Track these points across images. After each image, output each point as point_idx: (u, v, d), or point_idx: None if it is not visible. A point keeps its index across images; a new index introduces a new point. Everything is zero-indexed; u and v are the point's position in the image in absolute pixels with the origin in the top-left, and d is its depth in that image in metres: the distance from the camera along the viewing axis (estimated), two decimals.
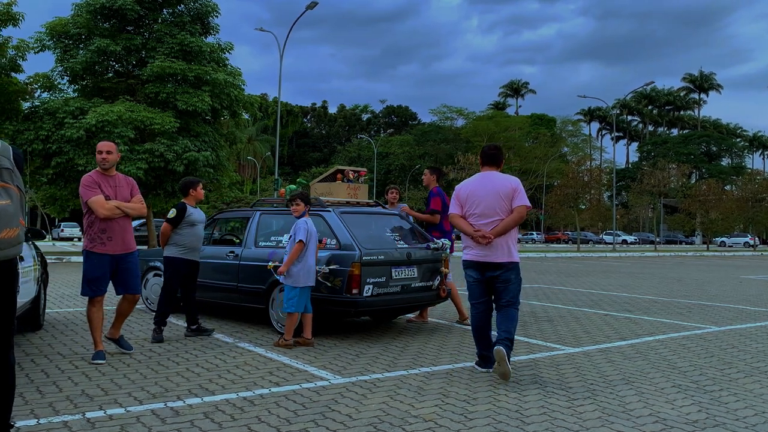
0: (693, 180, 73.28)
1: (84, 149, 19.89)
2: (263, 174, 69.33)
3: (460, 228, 5.26)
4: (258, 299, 7.01)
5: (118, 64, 23.09)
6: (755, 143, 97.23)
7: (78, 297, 9.91)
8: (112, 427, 3.65)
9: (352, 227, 6.67)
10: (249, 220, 7.60)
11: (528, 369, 5.33)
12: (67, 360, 5.41)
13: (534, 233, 69.97)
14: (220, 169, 23.15)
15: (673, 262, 27.81)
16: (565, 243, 64.76)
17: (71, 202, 22.53)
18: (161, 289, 6.65)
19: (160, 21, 22.92)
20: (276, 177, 31.15)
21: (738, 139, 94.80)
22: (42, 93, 22.37)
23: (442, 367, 5.35)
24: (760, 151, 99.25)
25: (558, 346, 6.42)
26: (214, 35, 24.34)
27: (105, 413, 3.91)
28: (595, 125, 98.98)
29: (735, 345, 6.67)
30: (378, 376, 5.01)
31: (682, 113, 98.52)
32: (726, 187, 60.35)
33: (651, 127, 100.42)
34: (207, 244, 8.03)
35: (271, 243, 7.23)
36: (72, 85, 22.95)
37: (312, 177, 48.63)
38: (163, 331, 6.54)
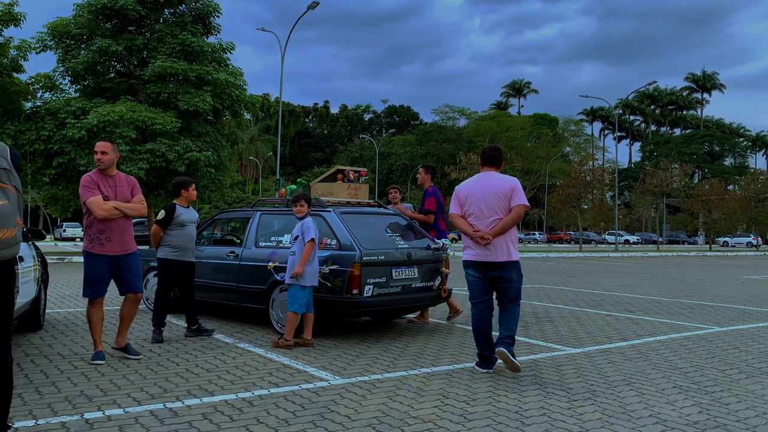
0: (696, 180, 73.17)
1: (85, 149, 19.92)
2: (265, 174, 69.38)
3: (459, 228, 5.27)
4: (258, 299, 7.00)
5: (119, 64, 23.14)
6: (758, 143, 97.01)
7: (78, 297, 9.92)
8: (110, 428, 3.64)
9: (352, 227, 6.65)
10: (249, 220, 7.59)
11: (528, 370, 5.32)
12: (67, 360, 5.41)
13: (536, 233, 69.99)
14: (221, 169, 23.19)
15: (676, 262, 27.75)
16: (568, 243, 64.66)
17: (73, 202, 22.60)
18: (155, 291, 6.65)
19: (161, 21, 22.95)
20: (277, 177, 31.16)
21: (741, 139, 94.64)
22: (43, 93, 22.44)
23: (442, 368, 5.33)
24: (763, 151, 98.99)
25: (559, 346, 6.41)
26: (215, 35, 24.42)
27: (103, 414, 3.91)
28: (598, 125, 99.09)
29: (737, 346, 6.64)
30: (378, 376, 4.99)
31: (684, 113, 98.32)
32: (729, 187, 60.28)
33: (653, 127, 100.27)
34: (207, 244, 8.03)
35: (272, 243, 7.21)
36: (73, 86, 23.03)
37: (314, 177, 48.61)
38: (163, 332, 6.53)
